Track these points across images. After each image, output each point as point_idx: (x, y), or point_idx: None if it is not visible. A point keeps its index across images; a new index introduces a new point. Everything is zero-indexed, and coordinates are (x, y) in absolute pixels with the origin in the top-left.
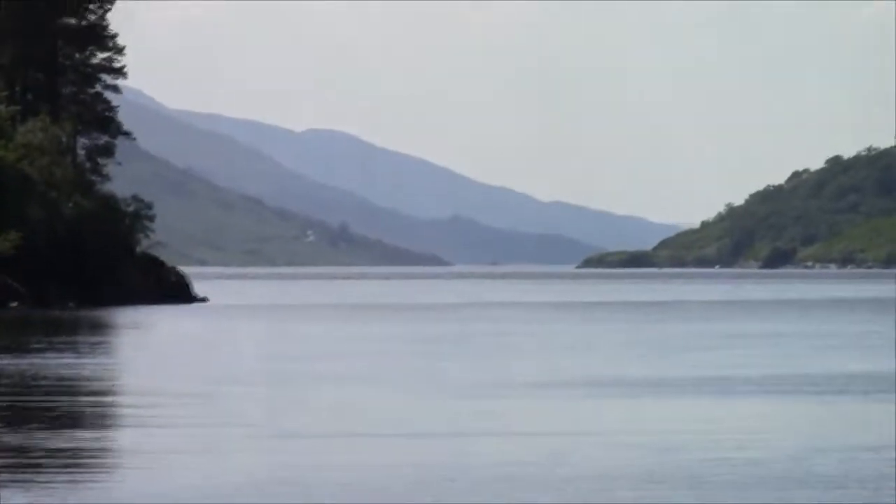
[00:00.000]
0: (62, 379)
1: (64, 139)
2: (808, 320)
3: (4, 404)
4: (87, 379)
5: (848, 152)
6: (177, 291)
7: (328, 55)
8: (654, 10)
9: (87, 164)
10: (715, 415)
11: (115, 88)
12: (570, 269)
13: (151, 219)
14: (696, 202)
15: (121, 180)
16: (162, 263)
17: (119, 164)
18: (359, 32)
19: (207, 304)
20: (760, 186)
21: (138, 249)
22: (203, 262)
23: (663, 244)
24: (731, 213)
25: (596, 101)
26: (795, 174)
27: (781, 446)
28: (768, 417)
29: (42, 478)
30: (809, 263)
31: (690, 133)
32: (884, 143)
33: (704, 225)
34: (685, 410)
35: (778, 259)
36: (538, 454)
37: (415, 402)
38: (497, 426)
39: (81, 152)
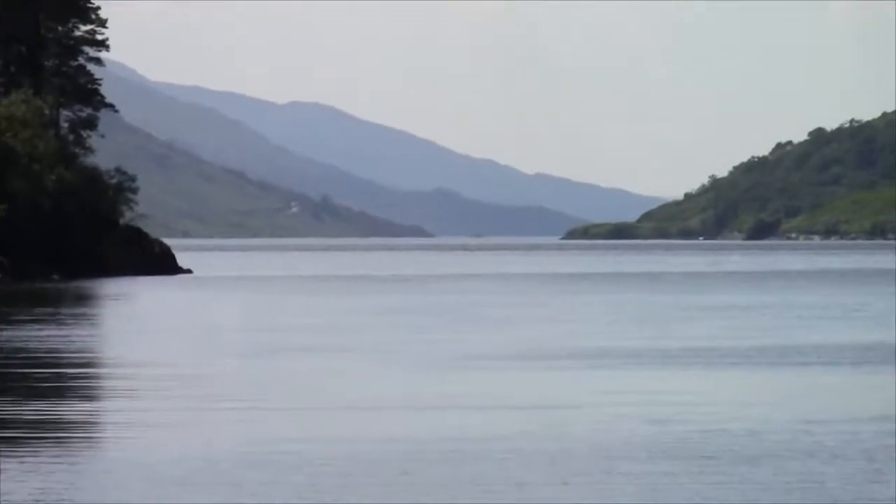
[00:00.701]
0: (46, 351)
1: (47, 112)
2: (793, 291)
3: None
4: (71, 350)
5: (831, 125)
6: (161, 263)
7: (311, 28)
8: None
9: (70, 137)
10: (704, 387)
11: (98, 61)
12: (554, 240)
13: (135, 191)
14: (679, 174)
15: (104, 153)
16: (146, 235)
17: (102, 136)
18: (341, 4)
19: (192, 275)
20: (744, 158)
21: (122, 222)
22: (187, 234)
23: (647, 216)
24: (715, 184)
25: (580, 72)
26: (779, 146)
27: (778, 418)
28: (760, 388)
29: (25, 449)
30: (793, 235)
31: (674, 105)
32: (866, 115)
33: (688, 197)
34: (674, 382)
35: (762, 231)
36: (533, 427)
37: (399, 375)
38: (483, 399)
39: (64, 125)
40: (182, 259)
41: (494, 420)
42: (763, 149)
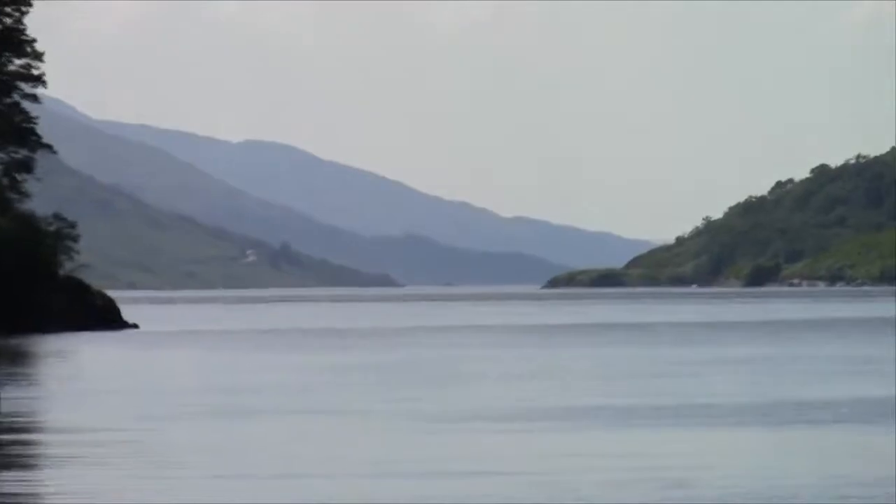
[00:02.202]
0: None
1: None
2: (798, 342)
3: None
4: (5, 414)
5: (835, 161)
6: (104, 317)
7: (265, 61)
8: (629, 13)
9: (5, 181)
10: (708, 448)
11: (34, 98)
12: (535, 289)
13: (75, 239)
14: (670, 216)
15: (41, 198)
16: (87, 287)
17: (39, 180)
18: (297, 37)
19: (138, 330)
20: (741, 198)
21: (61, 272)
22: (133, 286)
23: (635, 262)
24: (710, 227)
25: (561, 108)
26: (779, 185)
27: (791, 483)
28: (767, 448)
29: None
30: (795, 281)
31: (663, 141)
32: (874, 150)
33: (680, 241)
34: (675, 444)
35: (761, 277)
36: (528, 494)
37: (371, 440)
38: (468, 464)
39: None
40: (128, 313)
41: (480, 488)
42: (761, 188)
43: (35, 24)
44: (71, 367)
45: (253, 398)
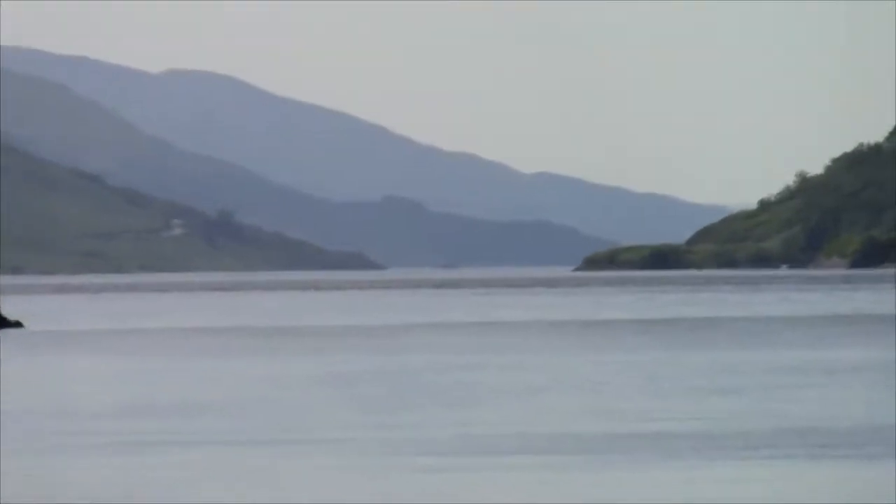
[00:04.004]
0: None
1: None
2: None
3: None
4: None
5: None
6: None
7: None
8: None
9: None
10: (791, 487)
11: None
12: (566, 272)
13: None
14: (750, 173)
15: None
16: None
17: None
18: None
19: (23, 330)
20: (848, 147)
21: None
22: (18, 270)
23: (702, 235)
24: (805, 186)
25: (601, 31)
26: None
27: None
28: (880, 491)
29: None
30: None
31: (741, 73)
32: None
33: (764, 205)
34: (749, 482)
35: (875, 255)
36: None
37: (345, 479)
38: None
39: None
40: (9, 306)
41: None
42: (876, 133)
43: None
44: None
45: (170, 422)
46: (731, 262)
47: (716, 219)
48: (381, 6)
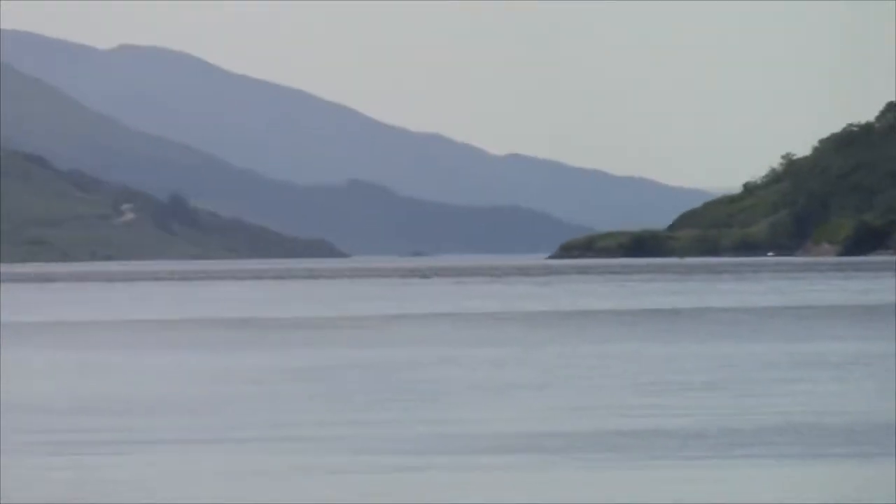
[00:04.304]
0: None
1: None
2: None
3: None
4: None
5: None
6: None
7: None
8: None
9: None
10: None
11: None
12: (540, 259)
13: None
14: (734, 155)
15: None
16: None
17: None
18: None
19: None
20: (837, 127)
21: None
22: None
23: (685, 220)
24: (792, 169)
25: (578, 10)
26: (892, 106)
27: None
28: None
29: None
30: None
31: (723, 50)
32: None
33: (749, 188)
34: (741, 480)
35: (866, 241)
36: None
37: (298, 482)
38: None
39: None
40: None
41: None
42: (868, 112)
43: None
44: None
45: (126, 419)
46: (714, 249)
47: (698, 203)
48: None
